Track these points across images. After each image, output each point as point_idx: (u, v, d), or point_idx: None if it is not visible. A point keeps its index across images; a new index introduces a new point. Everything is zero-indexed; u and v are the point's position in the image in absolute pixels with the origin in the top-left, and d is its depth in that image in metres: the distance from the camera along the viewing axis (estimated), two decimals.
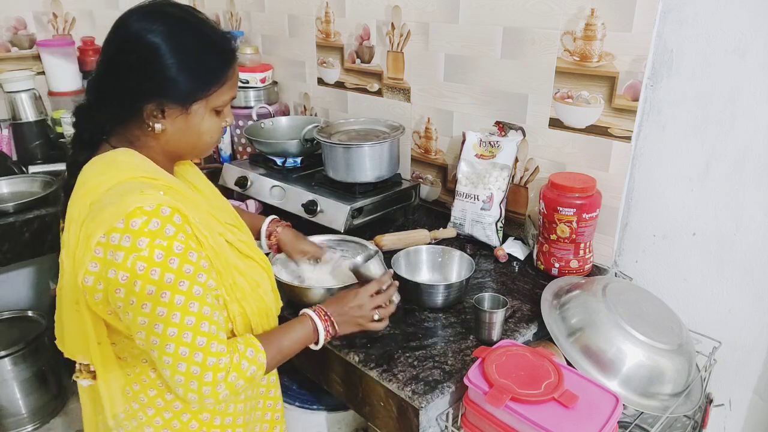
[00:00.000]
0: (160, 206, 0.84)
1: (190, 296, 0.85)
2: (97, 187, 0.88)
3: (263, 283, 1.05)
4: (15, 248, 1.80)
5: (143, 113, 0.91)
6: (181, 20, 0.92)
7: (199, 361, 0.86)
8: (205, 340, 0.86)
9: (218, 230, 0.98)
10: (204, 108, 0.94)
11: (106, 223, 0.82)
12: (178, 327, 0.85)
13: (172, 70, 0.89)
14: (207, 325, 0.87)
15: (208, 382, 0.87)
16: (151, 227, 0.82)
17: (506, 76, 1.61)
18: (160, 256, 0.83)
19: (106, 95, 0.93)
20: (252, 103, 2.26)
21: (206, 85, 0.93)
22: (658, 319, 1.23)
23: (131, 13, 0.91)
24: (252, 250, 1.06)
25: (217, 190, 1.16)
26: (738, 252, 1.33)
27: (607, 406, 0.98)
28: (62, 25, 2.40)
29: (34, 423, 2.22)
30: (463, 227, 1.65)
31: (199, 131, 0.96)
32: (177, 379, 0.87)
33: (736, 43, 1.22)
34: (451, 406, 1.10)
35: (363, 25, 1.96)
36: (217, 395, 0.89)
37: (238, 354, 0.92)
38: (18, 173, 2.05)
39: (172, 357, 0.85)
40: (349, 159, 1.67)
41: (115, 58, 0.90)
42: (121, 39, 0.90)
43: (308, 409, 1.63)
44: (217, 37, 0.94)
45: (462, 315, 1.31)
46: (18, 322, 2.31)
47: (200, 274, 0.87)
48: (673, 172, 1.38)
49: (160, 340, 0.85)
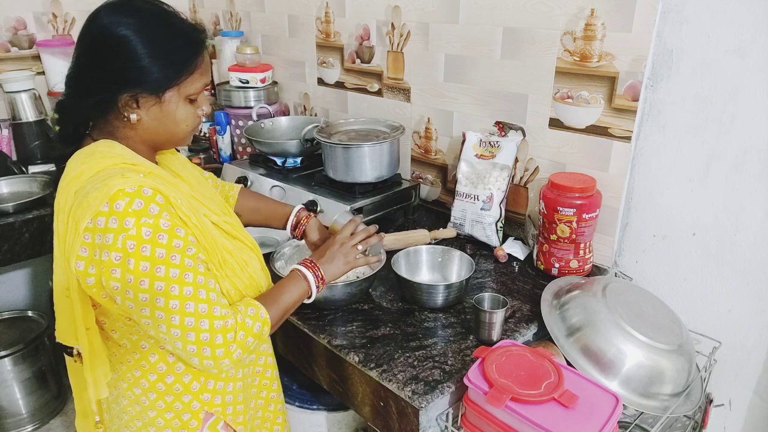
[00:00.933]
0: (142, 187, 0.87)
1: (184, 268, 0.89)
2: (80, 176, 0.91)
3: (252, 262, 1.08)
4: (14, 248, 1.80)
5: (118, 104, 0.94)
6: (149, 13, 0.95)
7: (206, 328, 0.89)
8: (206, 307, 0.90)
9: (202, 211, 1.01)
10: (177, 96, 0.97)
11: (91, 207, 0.85)
12: (179, 299, 0.88)
13: (143, 60, 0.91)
14: (205, 293, 0.90)
15: (220, 344, 0.91)
16: (135, 207, 0.86)
17: (506, 76, 1.61)
18: (148, 234, 0.86)
19: (81, 88, 0.96)
20: (252, 103, 2.27)
21: (177, 73, 0.95)
22: (658, 320, 1.23)
23: (101, 8, 0.94)
24: (238, 231, 1.09)
25: (204, 181, 1.18)
26: (738, 252, 1.33)
27: (607, 407, 0.98)
28: (62, 25, 2.40)
29: (33, 423, 2.22)
30: (463, 227, 1.65)
31: (175, 119, 0.99)
32: (190, 349, 0.90)
33: (736, 43, 1.22)
34: (451, 406, 1.10)
35: (363, 25, 1.96)
36: (231, 355, 0.92)
37: (241, 314, 0.95)
38: (18, 173, 2.05)
39: (179, 329, 0.88)
40: (349, 159, 1.67)
41: (88, 52, 0.94)
42: (92, 33, 0.93)
43: (308, 409, 1.63)
44: (185, 27, 0.98)
45: (462, 315, 1.31)
46: (18, 322, 2.31)
47: (189, 247, 0.91)
48: (673, 172, 1.38)
49: (165, 314, 0.88)
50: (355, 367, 1.17)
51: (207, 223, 1.00)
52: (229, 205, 1.27)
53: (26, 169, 2.08)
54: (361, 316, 1.30)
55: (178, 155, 1.16)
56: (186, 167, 1.15)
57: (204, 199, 1.06)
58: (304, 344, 1.31)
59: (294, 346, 1.35)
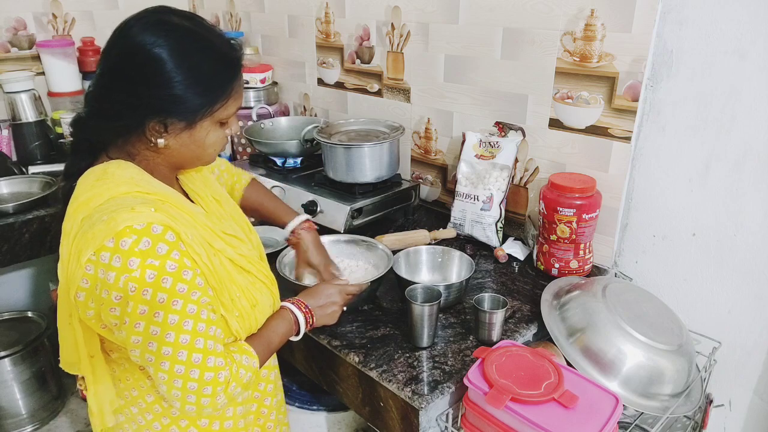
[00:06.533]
0: (151, 224, 0.81)
1: (184, 315, 0.84)
2: (89, 202, 0.86)
3: (262, 300, 1.02)
4: (14, 249, 1.80)
5: (145, 129, 0.89)
6: (186, 31, 0.88)
7: (195, 378, 0.85)
8: (200, 357, 0.85)
9: (216, 246, 0.95)
10: (210, 122, 0.92)
11: (96, 240, 0.80)
12: (173, 346, 0.83)
13: (178, 86, 0.86)
14: (202, 342, 0.86)
15: (207, 395, 0.87)
16: (141, 247, 0.80)
17: (506, 76, 1.61)
18: (151, 276, 0.80)
19: (105, 109, 0.89)
20: (252, 103, 2.27)
21: (212, 101, 0.90)
22: (658, 320, 1.23)
23: (134, 22, 0.87)
24: (253, 264, 1.03)
25: (226, 195, 1.13)
26: (738, 252, 1.33)
27: (607, 407, 0.98)
28: (62, 25, 2.40)
29: (33, 424, 2.22)
30: (463, 228, 1.65)
31: (204, 144, 0.94)
32: (174, 394, 0.86)
33: (736, 43, 1.22)
34: (451, 406, 1.10)
35: (363, 25, 1.96)
36: (215, 405, 0.89)
37: (236, 364, 0.91)
38: (18, 174, 2.05)
39: (167, 374, 0.84)
40: (349, 159, 1.67)
41: (116, 72, 0.87)
42: (122, 50, 0.87)
43: (308, 410, 1.63)
44: (223, 48, 0.91)
45: (462, 315, 1.31)
46: (18, 323, 2.31)
47: (194, 292, 0.85)
48: (673, 173, 1.38)
49: (155, 358, 0.84)
50: (355, 367, 1.17)
51: (218, 260, 0.94)
52: (234, 199, 1.23)
53: (26, 169, 2.08)
54: (361, 316, 1.30)
55: (202, 170, 1.10)
56: (207, 183, 1.09)
57: (220, 225, 1.00)
58: (303, 345, 1.31)
59: (294, 346, 1.35)
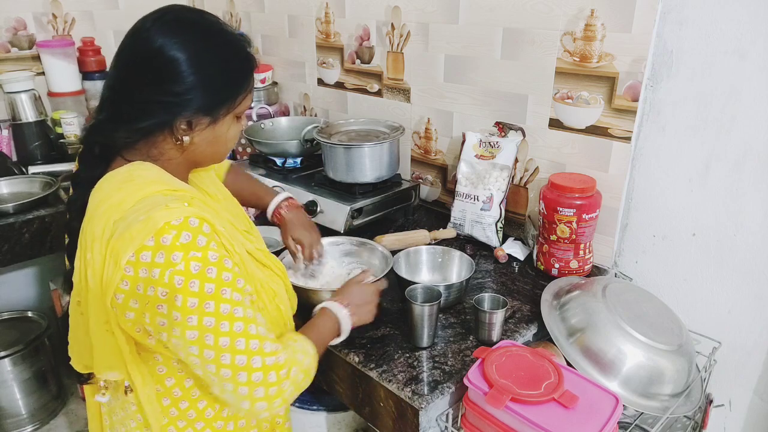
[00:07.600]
0: (188, 218, 0.82)
1: (234, 303, 0.84)
2: (120, 204, 0.84)
3: (279, 291, 1.04)
4: (14, 249, 1.80)
5: (172, 129, 0.89)
6: (203, 28, 0.89)
7: (258, 366, 0.85)
8: (257, 343, 0.85)
9: (239, 239, 0.96)
10: (231, 116, 0.94)
11: (135, 240, 0.80)
12: (229, 335, 0.83)
13: (200, 84, 0.87)
14: (254, 328, 0.86)
15: (273, 383, 0.86)
16: (182, 240, 0.80)
17: (506, 76, 1.61)
18: (196, 268, 0.81)
19: (125, 112, 0.88)
20: (252, 103, 2.26)
21: (234, 94, 0.92)
22: (658, 320, 1.23)
23: (151, 23, 0.87)
24: (267, 257, 1.05)
25: (229, 194, 1.15)
26: (738, 252, 1.33)
27: (607, 407, 0.98)
28: (62, 25, 2.40)
29: (33, 424, 2.22)
30: (463, 228, 1.65)
31: (225, 139, 0.96)
32: (241, 391, 0.85)
33: (736, 43, 1.22)
34: (451, 406, 1.10)
35: (363, 25, 1.96)
36: (283, 393, 0.88)
37: (291, 348, 0.92)
38: (18, 174, 2.05)
39: (230, 369, 0.83)
40: (349, 159, 1.67)
41: (141, 72, 0.87)
42: (144, 51, 0.86)
43: (308, 410, 1.63)
44: (237, 42, 0.93)
45: (462, 315, 1.31)
46: (18, 322, 2.31)
47: (238, 279, 0.86)
48: (673, 173, 1.38)
49: (215, 352, 0.83)
50: (354, 367, 1.17)
51: (243, 253, 0.95)
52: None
53: (26, 169, 2.08)
54: None
55: (209, 171, 1.12)
56: (215, 183, 1.11)
57: (236, 221, 1.02)
58: None
59: None
